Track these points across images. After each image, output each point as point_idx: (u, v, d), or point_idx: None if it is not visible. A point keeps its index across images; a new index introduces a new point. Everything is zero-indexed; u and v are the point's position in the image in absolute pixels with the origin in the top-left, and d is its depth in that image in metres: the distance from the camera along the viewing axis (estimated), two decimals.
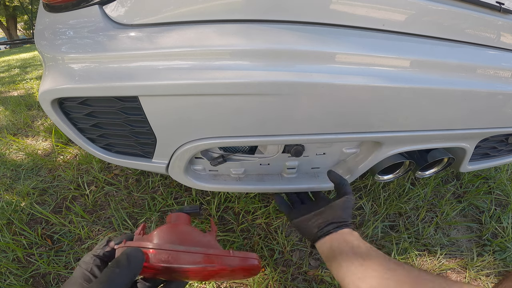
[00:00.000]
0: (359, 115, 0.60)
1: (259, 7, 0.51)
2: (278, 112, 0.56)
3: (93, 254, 0.38)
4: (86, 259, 0.37)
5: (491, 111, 0.69)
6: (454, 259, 0.97)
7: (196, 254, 0.36)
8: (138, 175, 1.24)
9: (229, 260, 0.38)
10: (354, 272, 0.50)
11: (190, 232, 0.43)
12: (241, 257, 0.39)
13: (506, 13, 0.61)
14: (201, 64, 0.52)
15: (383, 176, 0.88)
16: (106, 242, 0.40)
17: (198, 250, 0.36)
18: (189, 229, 0.44)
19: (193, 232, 0.44)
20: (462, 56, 0.60)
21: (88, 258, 0.37)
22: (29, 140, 1.65)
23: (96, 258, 0.37)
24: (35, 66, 4.42)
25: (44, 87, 0.59)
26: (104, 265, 0.38)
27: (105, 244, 0.40)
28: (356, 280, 0.49)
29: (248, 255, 0.40)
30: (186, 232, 0.43)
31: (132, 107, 0.58)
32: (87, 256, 0.38)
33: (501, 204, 1.20)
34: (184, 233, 0.43)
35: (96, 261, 0.37)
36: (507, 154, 0.98)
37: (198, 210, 0.54)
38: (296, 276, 0.89)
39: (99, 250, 0.39)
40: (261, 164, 0.77)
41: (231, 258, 0.38)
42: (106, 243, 0.40)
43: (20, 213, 1.08)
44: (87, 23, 0.57)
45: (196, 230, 0.45)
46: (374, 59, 0.55)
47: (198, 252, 0.36)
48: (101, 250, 0.39)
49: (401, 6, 0.54)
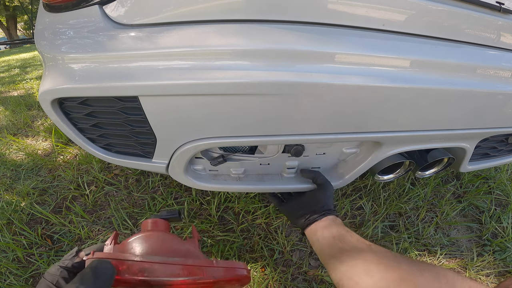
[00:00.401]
0: (359, 115, 0.59)
1: (259, 7, 0.51)
2: (278, 112, 0.56)
3: (59, 265, 0.34)
4: (51, 271, 0.33)
5: (491, 111, 0.69)
6: (454, 259, 0.97)
7: (173, 265, 0.32)
8: (138, 175, 1.24)
9: (213, 271, 0.34)
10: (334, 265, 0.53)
11: (168, 240, 0.39)
12: (226, 267, 0.35)
13: (506, 13, 0.61)
14: (201, 64, 0.52)
15: (383, 176, 0.88)
16: (75, 252, 0.36)
17: (176, 261, 0.33)
18: (166, 237, 0.40)
19: (171, 240, 0.40)
20: (462, 56, 0.60)
21: (54, 270, 0.33)
22: (29, 140, 1.65)
23: (63, 270, 0.33)
24: (35, 66, 4.42)
25: (44, 87, 0.59)
26: (72, 277, 0.34)
27: (74, 254, 0.36)
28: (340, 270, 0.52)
29: (235, 264, 0.36)
30: (163, 240, 0.39)
31: (132, 107, 0.58)
32: (53, 267, 0.34)
33: (501, 204, 1.20)
34: (161, 241, 0.39)
35: (63, 273, 0.33)
36: (507, 154, 0.98)
37: (177, 215, 0.50)
38: (296, 276, 0.89)
39: (67, 261, 0.35)
40: (261, 164, 0.77)
41: (215, 269, 0.34)
42: (75, 253, 0.36)
43: (20, 213, 1.08)
44: (87, 23, 0.57)
45: (175, 238, 0.41)
46: (374, 59, 0.55)
47: (176, 263, 0.33)
48: (69, 261, 0.35)
49: (401, 6, 0.54)
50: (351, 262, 0.50)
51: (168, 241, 0.39)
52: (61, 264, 0.35)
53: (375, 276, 0.45)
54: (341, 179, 0.80)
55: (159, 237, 0.40)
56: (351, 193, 1.17)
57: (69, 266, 0.34)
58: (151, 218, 0.46)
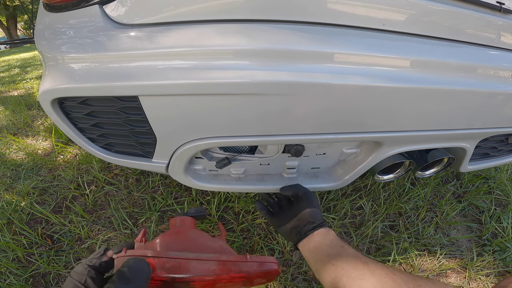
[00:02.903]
0: (359, 115, 0.59)
1: (259, 7, 0.51)
2: (278, 112, 0.56)
3: (87, 264, 0.33)
4: (79, 270, 0.32)
5: (491, 111, 0.69)
6: (454, 259, 0.97)
7: (209, 261, 0.32)
8: (138, 174, 1.24)
9: (247, 266, 0.34)
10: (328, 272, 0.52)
11: (199, 237, 0.39)
12: (260, 261, 0.36)
13: (506, 13, 0.61)
14: (201, 64, 0.52)
15: (383, 176, 0.88)
16: (103, 251, 0.36)
17: (211, 257, 0.33)
18: (197, 234, 0.40)
19: (203, 237, 0.40)
20: (462, 56, 0.60)
21: (82, 269, 0.33)
22: (29, 139, 1.65)
23: (90, 269, 0.33)
24: (35, 65, 4.42)
25: (44, 86, 0.59)
26: (100, 277, 0.34)
27: (102, 253, 0.35)
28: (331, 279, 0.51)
29: (267, 259, 0.37)
30: (195, 237, 0.39)
31: (132, 107, 0.58)
32: (81, 266, 0.33)
33: (501, 204, 1.20)
34: (192, 238, 0.39)
35: (90, 272, 0.32)
36: (507, 154, 0.98)
37: (204, 213, 0.50)
38: (296, 276, 0.89)
39: (95, 259, 0.34)
40: (261, 164, 0.77)
41: (249, 264, 0.35)
42: (103, 252, 0.36)
43: (20, 213, 1.08)
44: (87, 22, 0.57)
45: (206, 235, 0.41)
46: (374, 59, 0.55)
47: (211, 259, 0.33)
48: (97, 260, 0.34)
49: (401, 6, 0.54)
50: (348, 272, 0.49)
51: (200, 238, 0.39)
52: (89, 263, 0.34)
53: None
54: (341, 179, 0.80)
55: (191, 234, 0.40)
56: (351, 193, 1.17)
57: (97, 265, 0.34)
58: (179, 216, 0.46)
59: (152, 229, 1.00)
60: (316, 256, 0.58)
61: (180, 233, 0.40)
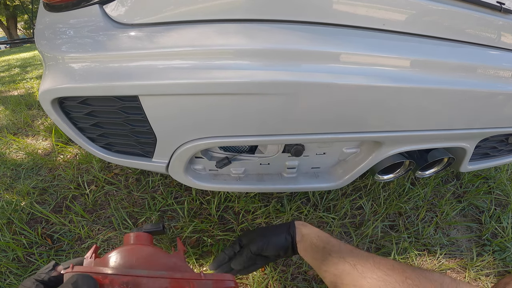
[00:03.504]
0: (359, 115, 0.60)
1: (259, 6, 0.51)
2: (278, 112, 0.56)
3: (35, 278, 0.32)
4: (26, 284, 0.32)
5: (491, 111, 0.69)
6: (454, 259, 0.97)
7: (160, 279, 0.31)
8: (138, 174, 1.24)
9: (201, 284, 0.33)
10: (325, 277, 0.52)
11: (153, 254, 0.38)
12: (214, 279, 0.35)
13: (506, 13, 0.61)
14: (202, 63, 0.52)
15: (383, 176, 0.88)
16: (52, 266, 0.35)
17: (163, 275, 0.32)
18: (151, 250, 0.39)
19: (157, 253, 0.38)
20: (463, 56, 0.60)
21: (30, 283, 0.32)
22: (29, 139, 1.65)
23: (39, 284, 0.32)
24: (35, 65, 4.42)
25: (44, 86, 0.59)
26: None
27: (51, 268, 0.34)
28: None
29: (223, 276, 0.36)
30: (148, 253, 0.38)
31: (132, 107, 0.58)
32: (28, 280, 0.32)
33: (501, 204, 1.20)
34: (146, 255, 0.37)
35: (39, 287, 0.32)
36: (507, 154, 0.98)
37: (161, 228, 0.48)
38: (296, 275, 0.89)
39: (44, 274, 0.33)
40: (261, 163, 0.77)
41: (203, 282, 0.33)
42: (52, 267, 0.35)
43: (20, 213, 1.08)
44: (87, 22, 0.57)
45: (160, 251, 0.40)
46: (374, 59, 0.55)
47: (163, 277, 0.32)
48: (45, 274, 0.33)
49: (401, 6, 0.54)
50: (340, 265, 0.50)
51: (154, 255, 0.38)
52: (37, 277, 0.33)
53: None
54: (341, 179, 0.80)
55: (143, 250, 0.39)
56: (351, 192, 1.17)
57: (46, 279, 0.33)
58: (133, 232, 0.45)
59: None
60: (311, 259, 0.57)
61: (133, 249, 0.38)
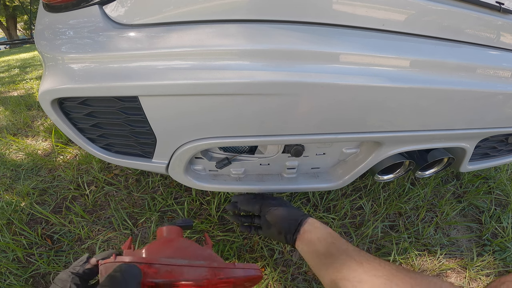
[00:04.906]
0: (359, 115, 0.59)
1: (259, 7, 0.51)
2: (278, 112, 0.56)
3: (71, 271, 0.34)
4: (62, 277, 0.33)
5: (491, 111, 0.69)
6: (454, 259, 0.97)
7: (200, 268, 0.34)
8: (138, 175, 1.24)
9: (234, 272, 0.37)
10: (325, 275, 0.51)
11: (189, 246, 0.42)
12: (245, 268, 0.39)
13: (506, 13, 0.61)
14: (201, 64, 0.52)
15: (383, 176, 0.88)
16: (86, 259, 0.36)
17: (202, 264, 0.35)
18: (186, 243, 0.43)
19: (192, 245, 0.42)
20: (462, 56, 0.60)
21: (66, 276, 0.33)
22: (29, 140, 1.65)
23: (74, 276, 0.33)
24: (35, 66, 4.42)
25: (44, 87, 0.58)
26: (84, 284, 0.34)
27: (85, 261, 0.36)
28: None
29: (251, 266, 0.40)
30: (184, 246, 0.42)
31: (132, 107, 0.58)
32: (64, 273, 0.33)
33: (501, 204, 1.20)
34: (182, 247, 0.41)
35: (74, 279, 0.32)
36: (507, 154, 0.98)
37: (191, 224, 0.53)
38: (296, 276, 0.89)
39: (78, 267, 0.35)
40: (261, 164, 0.77)
41: (236, 270, 0.37)
42: (86, 259, 0.36)
43: (20, 213, 1.08)
44: (87, 23, 0.57)
45: (194, 244, 0.43)
46: (374, 59, 0.55)
47: (203, 266, 0.35)
48: (80, 267, 0.35)
49: (401, 6, 0.54)
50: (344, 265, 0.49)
51: (190, 247, 0.41)
52: (72, 270, 0.34)
53: None
54: (341, 179, 0.80)
55: (180, 243, 0.42)
56: (351, 193, 1.17)
57: (80, 272, 0.34)
58: (166, 226, 0.48)
59: (152, 229, 1.00)
60: (312, 256, 0.57)
61: (169, 242, 0.41)
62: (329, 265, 0.51)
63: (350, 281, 0.46)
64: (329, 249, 0.54)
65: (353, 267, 0.48)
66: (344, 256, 0.51)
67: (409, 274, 0.43)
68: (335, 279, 0.49)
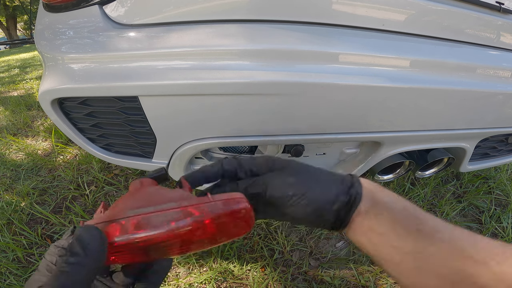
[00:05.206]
0: (359, 115, 0.59)
1: (259, 7, 0.51)
2: (278, 112, 0.56)
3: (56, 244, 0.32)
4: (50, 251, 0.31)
5: (491, 111, 0.69)
6: None
7: (170, 211, 0.29)
8: (138, 175, 1.24)
9: (210, 206, 0.30)
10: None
11: (157, 192, 0.36)
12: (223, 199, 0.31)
13: (505, 13, 0.61)
14: (201, 64, 0.52)
15: (383, 176, 0.88)
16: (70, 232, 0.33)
17: (171, 206, 0.30)
18: (155, 189, 0.37)
19: (161, 190, 0.36)
20: (462, 56, 0.60)
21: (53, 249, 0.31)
22: (29, 140, 1.65)
23: (61, 249, 0.31)
24: (34, 66, 4.42)
25: (44, 87, 0.58)
26: None
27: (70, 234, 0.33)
28: None
29: (233, 195, 0.32)
30: (152, 193, 0.36)
31: (132, 107, 0.58)
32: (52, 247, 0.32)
33: (501, 204, 1.20)
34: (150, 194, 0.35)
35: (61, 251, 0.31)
36: (507, 154, 0.98)
37: (164, 173, 0.44)
38: (296, 276, 0.89)
39: (63, 241, 0.32)
40: None
41: (212, 204, 0.30)
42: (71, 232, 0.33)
43: (20, 213, 1.08)
44: (87, 23, 0.57)
45: (165, 188, 0.37)
46: (374, 59, 0.55)
47: (171, 208, 0.30)
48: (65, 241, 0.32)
49: (401, 6, 0.54)
50: None
51: (157, 192, 0.35)
52: (57, 244, 0.32)
53: None
54: None
55: (147, 191, 0.36)
56: None
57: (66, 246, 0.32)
58: (138, 179, 0.41)
59: None
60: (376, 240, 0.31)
61: (137, 192, 0.36)
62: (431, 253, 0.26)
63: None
64: (417, 240, 0.21)
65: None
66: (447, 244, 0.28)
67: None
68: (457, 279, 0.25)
